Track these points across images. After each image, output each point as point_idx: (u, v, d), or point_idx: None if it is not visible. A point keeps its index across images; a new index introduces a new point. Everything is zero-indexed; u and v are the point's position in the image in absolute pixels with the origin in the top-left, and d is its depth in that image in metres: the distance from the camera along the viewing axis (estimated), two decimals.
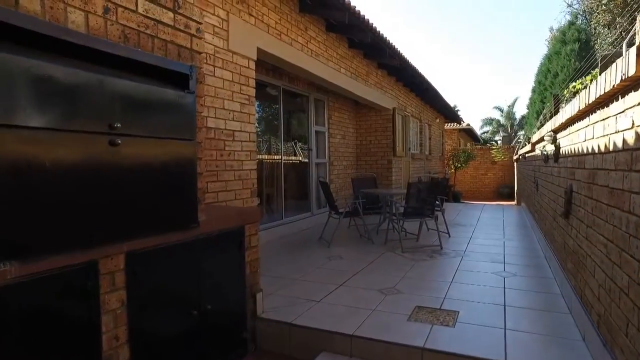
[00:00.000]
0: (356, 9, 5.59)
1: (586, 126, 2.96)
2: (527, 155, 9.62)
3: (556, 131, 4.50)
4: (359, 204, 6.36)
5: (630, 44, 2.39)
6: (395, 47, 7.69)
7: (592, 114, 2.79)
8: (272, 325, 3.26)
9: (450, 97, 57.55)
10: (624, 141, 2.01)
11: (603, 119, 2.46)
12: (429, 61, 71.72)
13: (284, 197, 7.32)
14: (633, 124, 1.88)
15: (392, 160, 9.81)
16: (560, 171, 4.27)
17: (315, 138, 8.42)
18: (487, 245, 6.19)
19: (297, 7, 5.61)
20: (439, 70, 71.34)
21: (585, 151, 2.98)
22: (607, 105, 2.37)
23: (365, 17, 5.98)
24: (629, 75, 1.79)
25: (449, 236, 6.78)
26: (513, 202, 17.66)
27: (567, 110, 3.50)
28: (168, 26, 2.44)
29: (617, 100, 2.18)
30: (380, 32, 6.67)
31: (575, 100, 3.17)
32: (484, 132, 41.79)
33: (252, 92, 4.56)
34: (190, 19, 2.64)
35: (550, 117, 8.68)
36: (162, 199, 2.36)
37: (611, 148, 2.26)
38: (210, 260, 2.81)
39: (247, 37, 4.48)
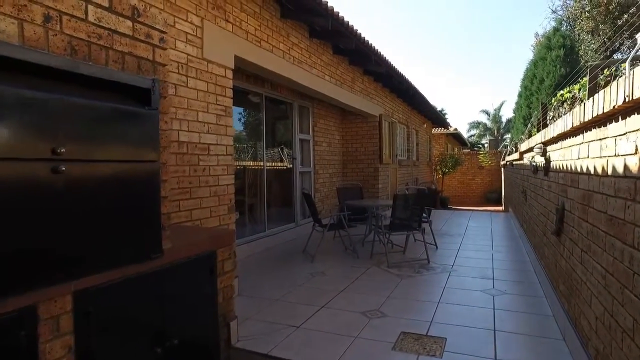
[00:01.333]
0: (339, 15, 5.39)
1: (580, 143, 2.79)
2: (515, 162, 9.51)
3: (546, 144, 4.34)
4: (344, 217, 6.15)
5: (634, 63, 2.22)
6: (381, 53, 7.52)
7: (587, 132, 2.62)
8: (247, 357, 3.02)
9: (437, 100, 57.86)
10: (626, 167, 1.82)
11: (600, 139, 2.28)
12: (415, 66, 72.11)
13: (267, 206, 7.08)
14: (637, 149, 1.69)
15: (379, 168, 9.63)
16: (550, 185, 4.11)
17: (299, 146, 8.20)
18: (475, 258, 6.01)
19: (279, 12, 5.39)
20: (425, 74, 71.73)
21: (578, 170, 2.80)
22: (605, 125, 2.19)
23: (349, 24, 5.79)
24: (634, 98, 1.60)
25: (437, 248, 6.61)
26: (500, 208, 17.63)
27: (559, 125, 3.34)
28: (126, 36, 2.20)
29: (616, 120, 2.00)
30: (365, 38, 6.48)
31: (568, 117, 3.00)
32: (470, 136, 42.00)
33: (229, 102, 4.32)
34: (153, 27, 2.40)
35: (539, 125, 8.59)
36: (117, 230, 2.11)
37: (609, 172, 2.08)
38: (177, 290, 2.57)
39: (223, 45, 4.25)
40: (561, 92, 7.23)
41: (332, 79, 7.14)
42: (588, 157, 2.56)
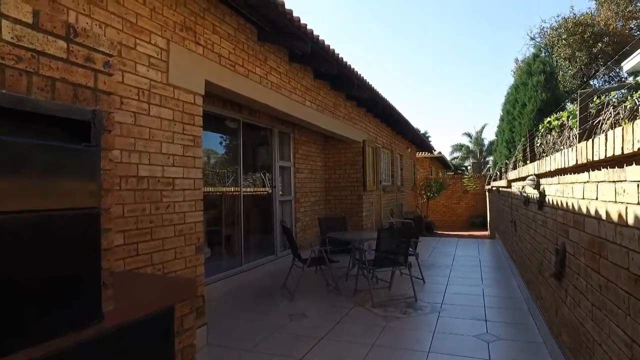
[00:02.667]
0: (320, 38, 5.13)
1: (585, 182, 2.48)
2: (501, 189, 9.30)
3: (540, 176, 4.06)
4: (325, 252, 5.76)
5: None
6: (364, 78, 7.29)
7: (593, 170, 2.32)
8: None
9: (420, 123, 58.45)
10: None
11: (614, 181, 1.97)
12: (398, 89, 73.13)
13: (245, 238, 6.65)
14: None
15: (363, 196, 9.30)
16: (546, 221, 3.81)
17: (279, 174, 7.84)
18: (465, 294, 5.66)
19: (255, 35, 5.10)
20: (408, 97, 72.73)
21: (584, 211, 2.50)
22: (621, 166, 1.89)
23: (330, 47, 5.53)
24: None
25: (424, 282, 6.24)
26: (486, 233, 17.44)
27: (558, 159, 3.05)
28: (57, 59, 1.83)
29: (637, 163, 1.69)
30: (347, 63, 6.23)
31: (570, 152, 2.71)
32: (453, 158, 42.31)
33: (199, 131, 3.96)
34: (95, 49, 2.04)
35: (525, 152, 8.40)
36: (42, 297, 1.69)
37: (631, 222, 1.76)
38: (124, 358, 2.14)
39: (192, 69, 3.91)
40: (548, 119, 7.06)
41: (313, 104, 6.85)
42: (597, 199, 2.25)
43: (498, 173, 16.40)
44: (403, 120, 11.52)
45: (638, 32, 19.63)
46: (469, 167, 41.17)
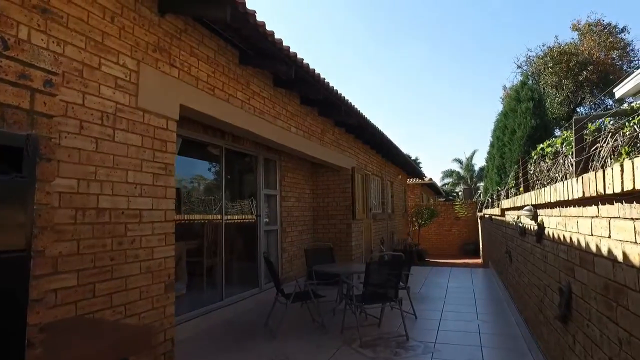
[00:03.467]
0: (304, 62, 4.92)
1: (594, 216, 2.22)
2: (494, 217, 9.05)
3: (538, 206, 3.81)
4: (311, 289, 5.41)
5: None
6: (352, 104, 7.11)
7: (604, 203, 2.05)
8: None
9: (410, 149, 58.77)
10: None
11: (634, 219, 1.70)
12: (387, 115, 73.89)
13: (226, 270, 6.27)
14: None
15: (352, 224, 8.99)
16: (546, 256, 3.53)
17: (265, 202, 7.53)
18: (460, 331, 5.31)
19: (237, 58, 4.89)
20: (398, 123, 73.42)
21: (593, 249, 2.22)
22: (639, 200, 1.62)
23: (316, 72, 5.33)
24: None
25: (416, 318, 5.87)
26: (479, 261, 17.12)
27: (560, 190, 2.79)
28: None
29: None
30: (334, 88, 6.04)
31: (575, 183, 2.45)
32: (444, 184, 42.31)
33: (172, 158, 3.67)
34: (33, 65, 1.75)
35: (517, 180, 8.19)
36: None
37: None
38: None
39: (166, 92, 3.65)
40: (541, 145, 6.87)
41: (299, 130, 6.62)
42: (609, 237, 1.98)
43: (490, 200, 16.23)
44: (393, 147, 11.35)
45: (620, 62, 20.03)
46: (460, 193, 41.09)
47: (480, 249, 17.56)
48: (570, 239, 2.68)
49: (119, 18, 3.20)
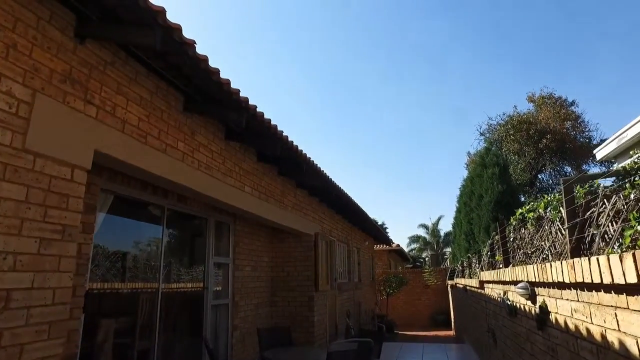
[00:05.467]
0: (257, 110, 4.26)
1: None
2: (469, 288, 8.34)
3: (537, 284, 3.11)
4: None
5: None
6: (315, 163, 6.47)
7: None
8: None
9: (376, 214, 58.65)
10: None
11: None
12: (351, 180, 74.72)
13: (163, 353, 5.13)
14: None
15: (315, 296, 8.03)
16: (554, 348, 2.77)
17: (215, 272, 6.54)
18: None
19: (181, 104, 4.20)
20: (363, 188, 74.12)
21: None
22: None
23: (272, 123, 4.68)
24: None
25: None
26: (451, 332, 16.18)
27: (582, 268, 2.10)
28: None
29: None
30: (293, 143, 5.39)
31: (614, 260, 1.76)
32: (411, 250, 41.94)
33: (75, 219, 2.80)
34: None
35: (493, 247, 7.59)
36: None
37: None
38: None
39: (74, 134, 2.86)
40: (520, 210, 6.32)
41: (255, 190, 5.86)
42: None
43: (460, 268, 15.62)
44: (360, 212, 10.70)
45: (573, 132, 20.80)
46: (427, 259, 40.67)
47: (452, 320, 16.66)
48: (602, 335, 1.95)
49: (6, 32, 2.46)
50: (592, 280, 1.90)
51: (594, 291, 2.08)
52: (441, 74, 55.91)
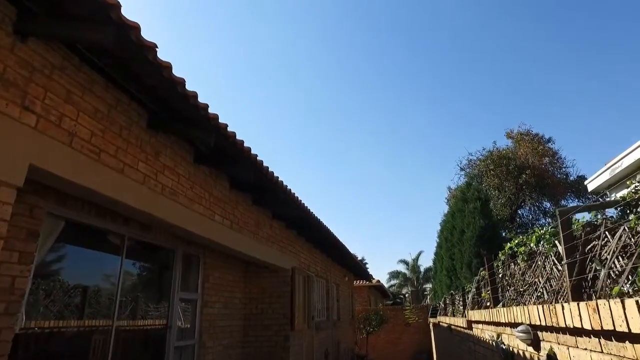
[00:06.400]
0: (228, 129, 3.86)
1: None
2: (454, 327, 7.88)
3: (540, 328, 2.71)
4: None
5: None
6: (292, 192, 6.09)
7: None
8: None
9: (356, 249, 58.07)
10: None
11: None
12: (330, 211, 74.38)
13: None
14: None
15: (290, 336, 7.43)
16: None
17: (181, 309, 5.95)
18: None
19: (145, 120, 3.79)
20: (342, 222, 73.75)
21: None
22: None
23: (245, 146, 4.27)
24: None
25: None
26: None
27: (610, 312, 1.71)
28: None
29: None
30: (268, 169, 5.00)
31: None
32: (391, 286, 41.43)
33: None
34: None
35: (478, 286, 7.21)
36: None
37: None
38: None
39: (3, 144, 2.42)
40: (509, 244, 6.02)
41: (226, 220, 5.39)
42: None
43: (443, 305, 15.14)
44: (340, 246, 10.26)
45: (551, 168, 21.06)
46: (407, 295, 40.10)
47: None
48: None
49: None
50: (628, 329, 1.51)
51: (627, 342, 1.69)
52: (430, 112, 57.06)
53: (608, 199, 5.98)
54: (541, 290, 4.97)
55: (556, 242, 4.57)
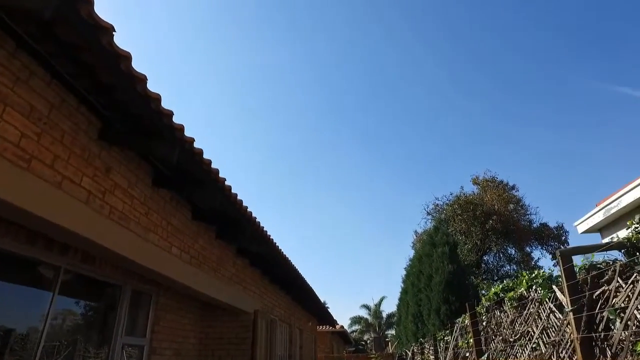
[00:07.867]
0: (194, 144, 3.29)
1: None
2: None
3: None
4: None
5: None
6: (261, 225, 5.50)
7: None
8: None
9: (318, 291, 56.86)
10: None
11: None
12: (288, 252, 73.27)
13: None
14: None
15: None
16: None
17: (125, 355, 5.09)
18: None
19: (94, 128, 3.20)
20: (300, 264, 72.44)
21: None
22: None
23: (213, 167, 3.71)
24: None
25: None
26: None
27: None
28: None
29: None
30: (237, 197, 4.43)
31: None
32: (352, 331, 40.31)
33: None
34: None
35: (463, 332, 6.70)
36: None
37: None
38: None
39: None
40: (493, 289, 5.60)
41: (184, 253, 4.73)
42: None
43: (411, 355, 14.47)
44: (308, 288, 9.60)
45: (516, 214, 21.35)
46: (369, 341, 38.98)
47: None
48: None
49: None
50: None
51: None
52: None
53: (601, 241, 5.72)
54: (536, 341, 4.52)
55: (554, 287, 4.18)
